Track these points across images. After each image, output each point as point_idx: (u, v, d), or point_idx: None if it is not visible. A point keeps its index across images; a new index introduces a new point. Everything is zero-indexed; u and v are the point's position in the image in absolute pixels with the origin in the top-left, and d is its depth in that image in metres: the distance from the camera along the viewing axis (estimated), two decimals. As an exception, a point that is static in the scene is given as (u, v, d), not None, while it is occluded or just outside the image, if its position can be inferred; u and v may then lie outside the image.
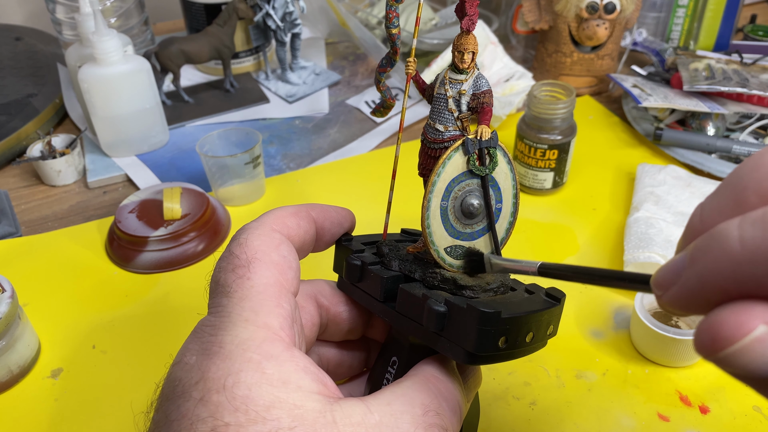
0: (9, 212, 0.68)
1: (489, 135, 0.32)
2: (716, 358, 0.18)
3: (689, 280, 0.19)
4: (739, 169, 0.20)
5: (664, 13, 0.93)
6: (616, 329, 0.54)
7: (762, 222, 0.17)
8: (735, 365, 0.18)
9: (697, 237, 0.20)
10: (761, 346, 0.17)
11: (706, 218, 0.21)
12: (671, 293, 0.20)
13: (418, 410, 0.28)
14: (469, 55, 0.32)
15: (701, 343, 0.18)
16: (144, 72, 0.73)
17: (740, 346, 0.18)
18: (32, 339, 0.52)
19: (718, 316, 0.18)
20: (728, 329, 0.18)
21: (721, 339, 0.18)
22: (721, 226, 0.18)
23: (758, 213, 0.18)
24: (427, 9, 0.98)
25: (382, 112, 0.38)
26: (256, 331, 0.28)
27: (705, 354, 0.18)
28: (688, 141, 0.73)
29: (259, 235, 0.32)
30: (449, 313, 0.30)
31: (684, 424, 0.46)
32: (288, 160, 0.77)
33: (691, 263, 0.19)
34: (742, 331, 0.17)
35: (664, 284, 0.20)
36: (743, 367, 0.18)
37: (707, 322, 0.18)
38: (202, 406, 0.25)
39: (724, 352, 0.18)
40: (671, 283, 0.20)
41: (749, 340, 0.17)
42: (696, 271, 0.19)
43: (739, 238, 0.18)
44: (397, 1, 0.33)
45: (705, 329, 0.18)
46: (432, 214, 0.33)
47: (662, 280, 0.20)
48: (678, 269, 0.20)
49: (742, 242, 0.18)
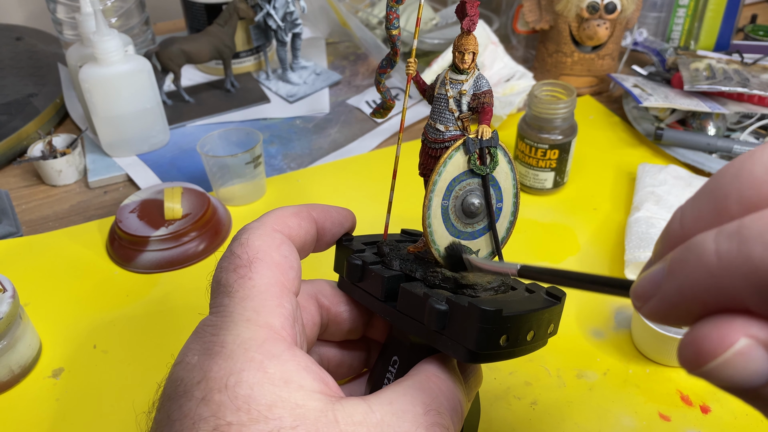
0: (10, 212, 0.68)
1: (490, 134, 0.33)
2: (701, 372, 0.18)
3: (668, 292, 0.19)
4: (720, 176, 0.20)
5: (664, 13, 0.93)
6: (616, 329, 0.54)
7: (738, 235, 0.17)
8: (719, 379, 0.18)
9: (676, 242, 0.20)
10: (743, 359, 0.17)
11: (686, 224, 0.21)
12: (651, 305, 0.20)
13: (420, 409, 0.28)
14: (469, 55, 0.32)
15: (685, 358, 0.18)
16: (145, 72, 0.73)
17: (723, 360, 0.17)
18: (33, 339, 0.52)
19: (699, 330, 0.18)
20: (710, 344, 0.18)
21: (704, 354, 0.18)
22: (698, 239, 0.18)
23: (733, 226, 0.18)
24: (427, 9, 0.98)
25: (382, 113, 0.38)
26: (257, 331, 0.28)
27: (689, 368, 0.18)
28: (688, 141, 0.73)
29: (261, 235, 0.32)
30: (450, 312, 0.30)
31: (685, 424, 0.46)
32: (289, 160, 0.77)
33: (669, 275, 0.19)
34: (723, 345, 0.17)
35: (643, 296, 0.20)
36: (727, 380, 0.18)
37: (689, 337, 0.18)
38: (205, 406, 0.25)
39: (708, 366, 0.18)
40: (650, 295, 0.20)
41: (731, 354, 0.17)
42: (674, 283, 0.19)
43: (715, 251, 0.18)
44: (397, 2, 0.33)
45: (687, 344, 0.18)
46: (433, 214, 0.33)
47: (642, 292, 0.20)
48: (657, 281, 0.20)
49: (718, 255, 0.17)
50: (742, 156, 0.20)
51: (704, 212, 0.20)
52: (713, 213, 0.20)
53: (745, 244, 0.17)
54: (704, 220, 0.20)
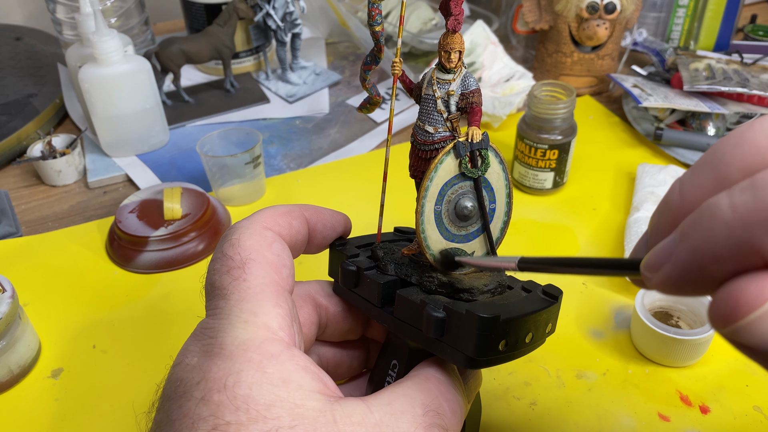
0: (9, 212, 0.68)
1: (480, 137, 0.32)
2: (734, 328, 0.18)
3: (681, 255, 0.19)
4: (721, 146, 0.20)
5: (664, 13, 0.93)
6: (616, 329, 0.54)
7: (751, 188, 0.17)
8: (752, 335, 0.18)
9: (676, 213, 0.20)
10: None
11: (686, 195, 0.20)
12: (663, 272, 0.20)
13: (419, 410, 0.28)
14: (455, 54, 0.32)
15: (720, 311, 0.18)
16: (144, 72, 0.73)
17: (760, 314, 0.17)
18: (32, 339, 0.52)
19: (735, 285, 0.18)
20: (747, 297, 0.17)
21: (741, 307, 0.18)
22: (710, 200, 0.18)
23: (746, 182, 0.18)
24: (427, 9, 0.98)
25: (369, 108, 0.37)
26: (255, 332, 0.28)
27: (722, 324, 0.18)
28: (688, 141, 0.73)
29: (251, 234, 0.31)
30: (448, 319, 0.30)
31: (684, 424, 0.46)
32: (288, 160, 0.77)
33: (681, 239, 0.19)
34: (762, 297, 0.17)
35: (655, 265, 0.20)
36: (760, 337, 0.18)
37: (726, 291, 0.18)
38: (204, 406, 0.25)
39: (743, 320, 0.18)
40: (663, 263, 0.20)
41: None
42: (688, 245, 0.19)
43: (729, 204, 0.18)
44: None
45: (723, 299, 0.18)
46: (426, 219, 0.32)
47: (653, 262, 0.20)
48: (669, 248, 0.20)
49: (733, 208, 0.18)
50: (741, 127, 0.20)
51: (705, 181, 0.20)
52: (714, 181, 0.20)
53: (761, 192, 0.17)
54: (706, 189, 0.20)
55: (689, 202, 0.20)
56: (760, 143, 0.19)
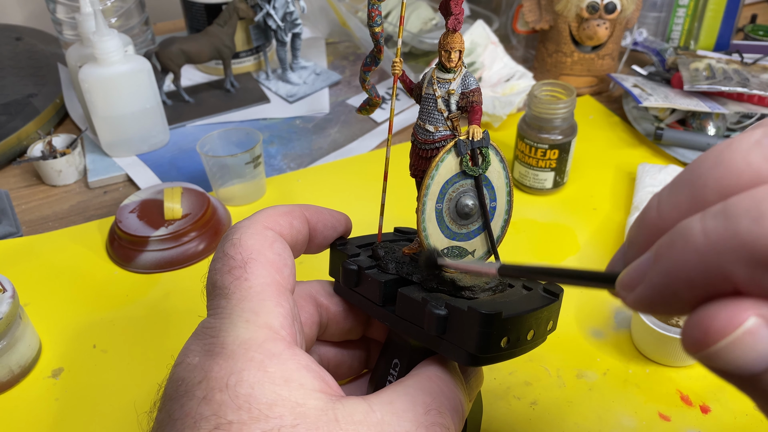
0: (9, 212, 0.68)
1: (480, 135, 0.32)
2: (706, 353, 0.18)
3: (655, 277, 0.19)
4: (698, 166, 0.20)
5: (664, 12, 0.93)
6: (616, 329, 0.54)
7: (723, 213, 0.17)
8: (724, 361, 0.18)
9: (652, 229, 0.20)
10: (752, 339, 0.17)
11: (663, 212, 0.20)
12: (637, 293, 0.20)
13: (420, 409, 0.28)
14: (456, 53, 0.32)
15: (692, 337, 0.18)
16: (144, 72, 0.73)
17: (731, 340, 0.17)
18: (33, 339, 0.52)
19: (707, 310, 0.18)
20: (719, 323, 0.17)
21: (712, 332, 0.18)
22: (683, 223, 0.18)
23: (718, 207, 0.18)
24: (427, 9, 0.98)
25: (369, 109, 0.38)
26: (257, 332, 0.28)
27: (695, 350, 0.18)
28: (688, 141, 0.73)
29: (252, 234, 0.31)
30: (450, 317, 0.30)
31: (685, 424, 0.46)
32: (288, 160, 0.77)
33: (656, 260, 0.19)
34: (732, 324, 0.17)
35: (630, 284, 0.20)
36: (733, 361, 0.18)
37: (697, 317, 0.18)
38: (206, 405, 0.25)
39: (715, 346, 0.18)
40: (637, 283, 0.20)
41: (740, 333, 0.17)
42: (661, 267, 0.19)
43: (702, 230, 0.18)
44: (379, 0, 0.33)
45: (694, 324, 0.18)
46: (427, 218, 0.33)
47: (628, 280, 0.20)
48: (643, 268, 0.20)
49: (705, 234, 0.18)
50: (720, 145, 0.20)
51: (681, 200, 0.20)
52: (691, 201, 0.20)
53: (732, 220, 0.17)
54: (681, 208, 0.20)
55: (665, 220, 0.20)
56: (736, 165, 0.19)
